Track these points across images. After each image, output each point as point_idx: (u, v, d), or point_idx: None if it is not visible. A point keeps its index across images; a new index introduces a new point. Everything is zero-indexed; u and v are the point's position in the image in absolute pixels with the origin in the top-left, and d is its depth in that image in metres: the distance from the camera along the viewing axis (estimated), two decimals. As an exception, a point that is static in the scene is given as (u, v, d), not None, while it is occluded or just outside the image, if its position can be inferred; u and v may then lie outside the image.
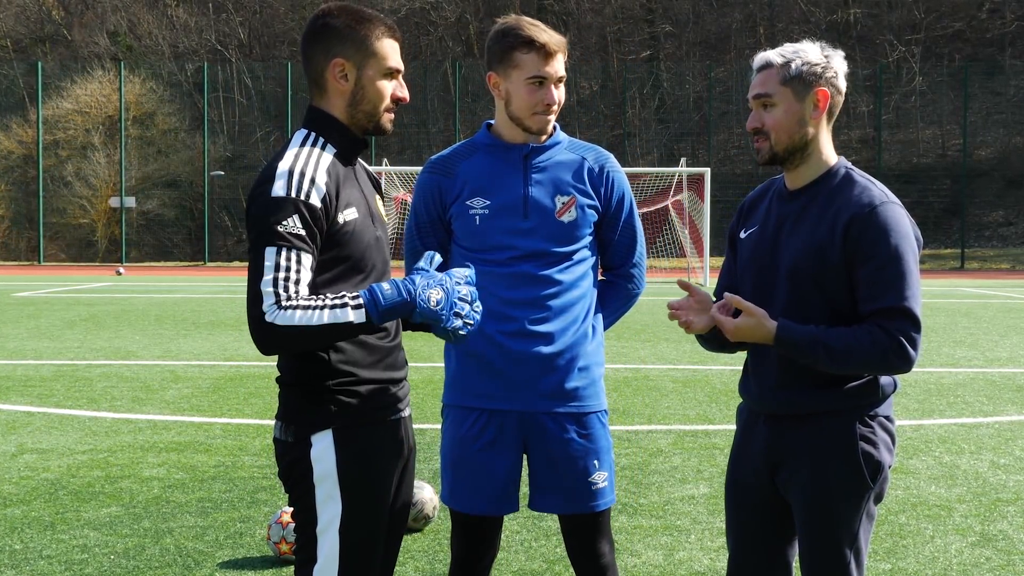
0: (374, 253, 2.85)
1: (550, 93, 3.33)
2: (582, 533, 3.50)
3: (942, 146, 46.28)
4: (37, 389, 10.19)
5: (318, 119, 2.85)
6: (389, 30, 2.85)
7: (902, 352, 2.84)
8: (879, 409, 2.99)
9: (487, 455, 3.41)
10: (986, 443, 7.90)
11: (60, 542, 5.39)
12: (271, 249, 2.63)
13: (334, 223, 2.73)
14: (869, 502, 3.00)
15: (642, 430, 8.31)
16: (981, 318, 18.49)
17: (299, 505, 2.80)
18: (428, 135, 48.25)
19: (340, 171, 2.80)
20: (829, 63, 2.98)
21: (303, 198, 2.66)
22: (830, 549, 2.98)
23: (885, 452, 2.99)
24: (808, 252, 2.94)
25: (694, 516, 5.91)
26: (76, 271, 36.98)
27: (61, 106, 46.97)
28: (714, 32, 50.66)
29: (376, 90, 2.83)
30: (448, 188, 3.44)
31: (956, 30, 48.16)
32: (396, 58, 2.85)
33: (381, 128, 2.87)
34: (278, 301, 2.59)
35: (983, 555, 5.26)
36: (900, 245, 2.87)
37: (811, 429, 2.99)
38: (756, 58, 3.05)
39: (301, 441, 2.77)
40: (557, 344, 3.39)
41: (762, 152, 3.01)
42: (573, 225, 3.42)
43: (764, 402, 3.08)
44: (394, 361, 2.91)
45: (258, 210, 2.68)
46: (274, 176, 2.69)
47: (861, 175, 3.01)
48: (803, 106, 2.96)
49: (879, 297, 2.86)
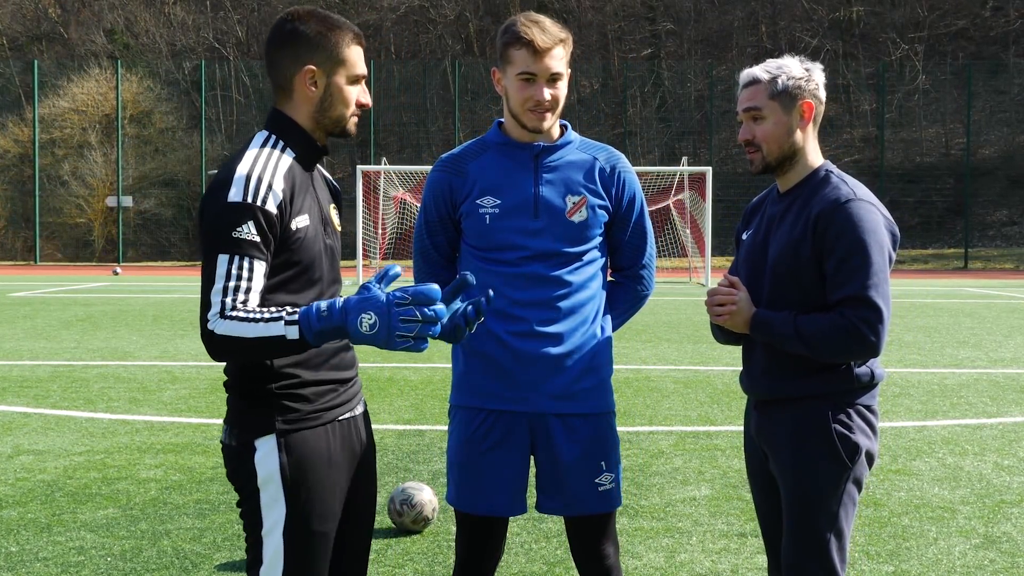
0: (324, 262, 2.86)
1: (540, 90, 3.33)
2: (587, 535, 3.50)
3: (945, 145, 46.20)
4: (33, 390, 10.18)
5: (281, 123, 2.88)
6: (356, 37, 2.89)
7: (860, 337, 3.03)
8: (858, 398, 3.16)
9: (494, 456, 3.42)
10: (990, 444, 7.89)
11: (56, 544, 5.39)
12: (224, 256, 2.65)
13: (287, 229, 2.74)
14: (848, 483, 3.13)
15: (643, 431, 8.31)
16: (985, 318, 18.50)
17: (244, 508, 2.82)
18: (427, 134, 48.20)
19: (297, 176, 2.82)
20: (811, 76, 3.23)
21: (259, 204, 2.67)
22: (810, 529, 3.11)
23: (862, 436, 3.14)
24: (787, 248, 3.16)
25: (695, 518, 5.90)
26: (73, 271, 37.01)
27: (57, 105, 47.03)
28: (716, 30, 50.62)
29: (344, 96, 2.87)
30: (459, 187, 3.45)
31: (959, 28, 48.17)
32: (362, 65, 2.92)
33: (347, 132, 2.91)
34: (222, 310, 2.61)
35: (987, 557, 5.26)
36: (863, 238, 3.06)
37: (790, 414, 3.18)
38: (743, 74, 3.28)
39: (244, 445, 2.79)
40: (566, 345, 3.41)
41: (755, 162, 3.25)
42: (583, 225, 3.43)
43: (752, 389, 3.30)
44: (340, 362, 2.91)
45: (213, 215, 2.69)
46: (231, 180, 2.69)
47: (838, 176, 3.22)
48: (790, 118, 3.20)
49: (842, 286, 3.06)
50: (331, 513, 2.86)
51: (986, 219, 43.76)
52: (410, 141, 47.11)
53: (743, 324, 3.22)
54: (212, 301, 2.63)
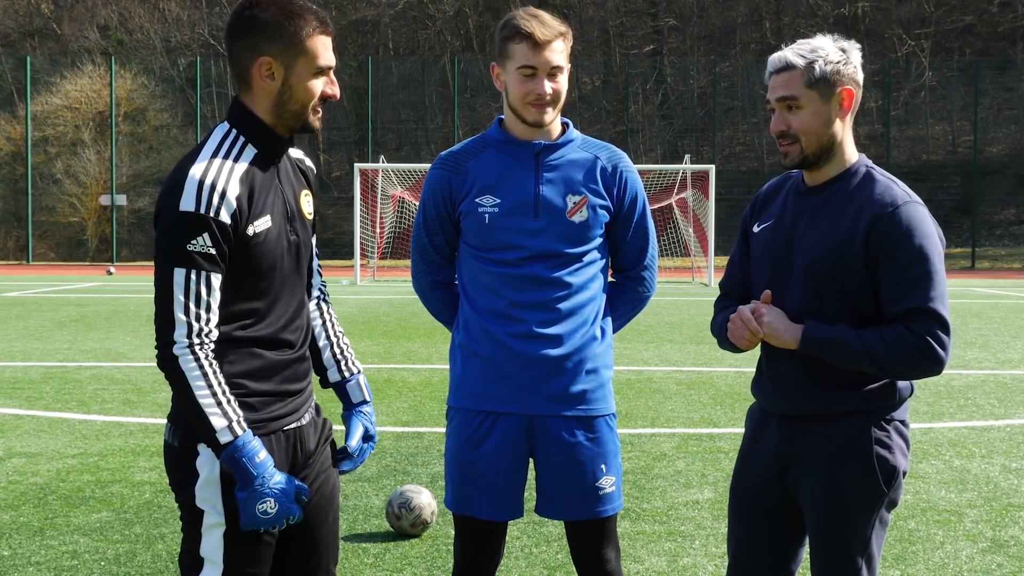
0: (286, 261, 2.82)
1: (540, 84, 3.32)
2: (588, 539, 3.50)
3: (952, 143, 46.51)
4: (26, 391, 10.15)
5: (241, 116, 2.79)
6: (321, 24, 2.75)
7: (931, 352, 2.87)
8: (895, 413, 3.03)
9: (493, 459, 3.42)
10: (997, 447, 7.86)
11: (49, 548, 5.38)
12: (180, 271, 2.63)
13: (243, 236, 2.69)
14: (882, 509, 3.02)
15: (645, 433, 8.30)
16: (992, 319, 18.48)
17: (183, 511, 2.82)
18: (426, 131, 48.35)
19: (257, 178, 2.75)
20: (848, 58, 2.99)
21: (212, 215, 2.63)
22: (841, 555, 3.00)
23: (900, 457, 3.01)
24: (827, 249, 2.96)
25: (698, 521, 5.90)
26: (66, 271, 36.95)
27: (50, 102, 46.96)
28: (719, 26, 50.83)
29: (304, 90, 2.76)
30: (458, 185, 3.45)
31: (967, 24, 48.42)
32: (327, 56, 2.79)
33: (308, 127, 2.82)
34: (189, 333, 2.65)
35: (994, 561, 5.24)
36: (924, 245, 2.89)
37: (825, 430, 3.01)
38: (773, 59, 3.03)
39: (187, 448, 2.77)
40: (565, 347, 3.40)
41: (791, 155, 3.01)
42: (584, 225, 3.42)
43: (779, 402, 3.10)
44: (292, 374, 2.89)
45: (167, 224, 2.65)
46: (183, 184, 2.64)
47: (883, 174, 3.03)
48: (829, 106, 2.98)
49: (904, 298, 2.88)
50: None
51: (993, 218, 43.88)
52: (409, 139, 47.44)
53: (787, 340, 2.98)
54: (177, 319, 2.63)
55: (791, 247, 3.05)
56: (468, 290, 3.48)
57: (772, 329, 2.98)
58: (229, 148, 2.74)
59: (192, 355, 2.64)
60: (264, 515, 2.68)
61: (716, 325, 3.27)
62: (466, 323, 3.47)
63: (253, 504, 2.67)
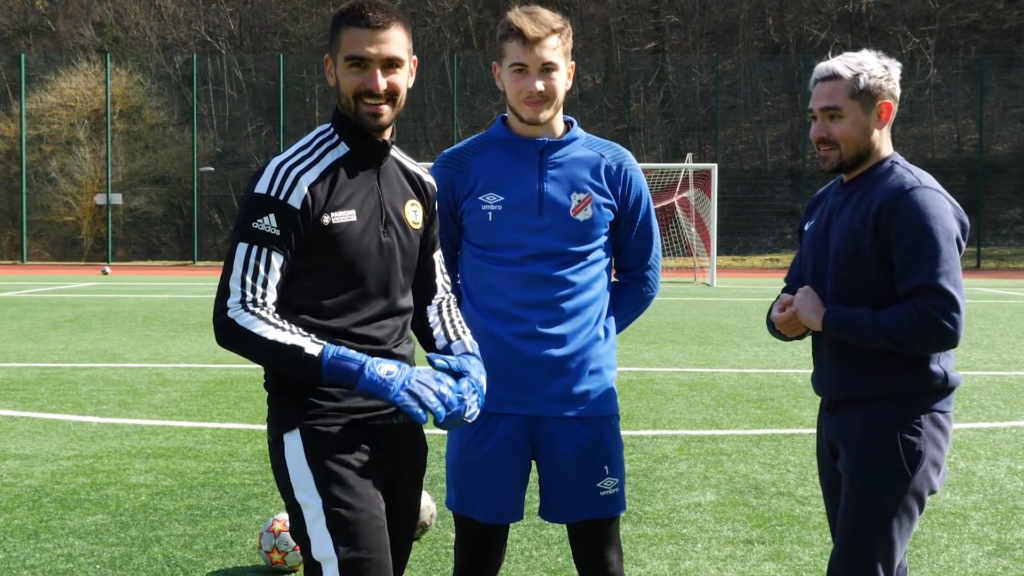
0: (371, 261, 2.88)
1: (532, 81, 3.33)
2: (590, 541, 3.50)
3: (957, 141, 46.61)
4: (20, 393, 10.10)
5: (336, 116, 2.95)
6: (356, 17, 2.82)
7: (938, 326, 3.01)
8: (933, 402, 3.13)
9: (494, 460, 3.43)
10: (1003, 448, 7.82)
11: (44, 551, 5.36)
12: (243, 245, 2.77)
13: (318, 224, 2.80)
14: (907, 495, 3.09)
15: (647, 435, 8.27)
16: (998, 319, 18.37)
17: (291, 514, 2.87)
18: (425, 129, 48.59)
19: (343, 173, 2.87)
20: (890, 75, 3.21)
21: (281, 198, 2.77)
22: (858, 538, 3.09)
23: (931, 446, 3.10)
24: (846, 240, 3.17)
25: (700, 524, 5.86)
26: (61, 270, 36.96)
27: (45, 100, 47.11)
28: (721, 23, 50.91)
29: (344, 83, 2.85)
30: (460, 183, 3.46)
31: (972, 21, 48.59)
32: (357, 46, 2.82)
33: (363, 122, 2.86)
34: (243, 300, 2.74)
35: (1000, 564, 5.22)
36: (930, 225, 3.04)
37: (859, 414, 3.17)
38: (821, 68, 3.23)
39: (277, 441, 2.86)
40: (568, 347, 3.41)
41: (830, 160, 3.23)
42: (588, 224, 3.43)
43: (823, 388, 3.32)
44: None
45: (243, 203, 2.82)
46: (266, 168, 2.82)
47: (903, 165, 3.21)
48: (869, 118, 3.19)
49: (910, 276, 3.05)
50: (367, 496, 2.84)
51: (999, 217, 43.85)
52: (407, 137, 47.45)
53: (813, 321, 3.21)
54: (231, 288, 2.75)
55: (827, 241, 3.25)
56: (470, 289, 3.48)
57: (801, 310, 3.22)
58: (320, 143, 2.90)
59: (247, 311, 2.73)
60: (389, 375, 2.70)
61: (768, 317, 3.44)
62: (468, 323, 3.42)
63: (372, 374, 2.69)
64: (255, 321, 2.71)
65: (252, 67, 49.40)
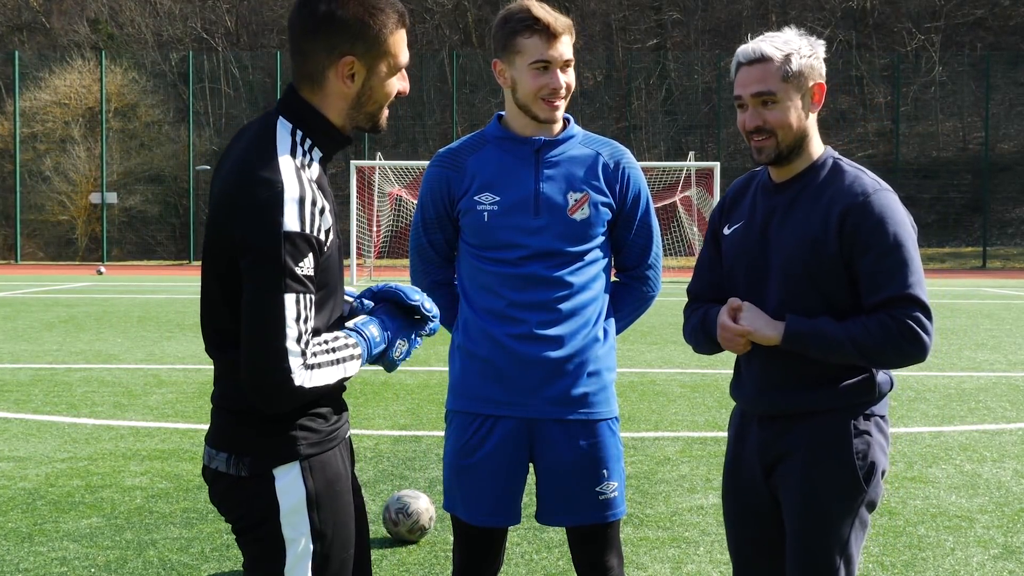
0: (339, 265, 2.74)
1: (556, 77, 3.31)
2: (590, 545, 3.50)
3: (963, 139, 46.67)
4: (14, 394, 10.13)
5: (307, 117, 2.62)
6: (400, 19, 2.63)
7: (915, 337, 2.91)
8: (875, 408, 3.06)
9: (491, 463, 3.42)
10: (1009, 451, 7.82)
11: (38, 554, 5.38)
12: (291, 296, 2.45)
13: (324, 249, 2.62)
14: (862, 507, 3.03)
15: (648, 437, 8.31)
16: (1004, 320, 18.35)
17: (256, 547, 2.62)
18: (424, 128, 48.71)
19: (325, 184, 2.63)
20: (817, 52, 3.04)
21: (315, 234, 2.49)
22: (819, 553, 3.00)
23: (880, 454, 3.04)
24: (801, 246, 3.00)
25: (703, 527, 5.89)
26: (55, 270, 37.04)
27: (39, 98, 47.11)
28: (724, 20, 51.08)
29: (384, 91, 2.66)
30: (456, 182, 3.45)
31: (977, 18, 48.78)
32: (407, 52, 2.70)
33: (378, 127, 2.74)
34: (304, 360, 2.48)
35: (1006, 568, 5.23)
36: (898, 232, 2.94)
37: (805, 428, 3.04)
38: (745, 50, 3.03)
39: (260, 476, 2.58)
40: (566, 348, 3.40)
41: (766, 150, 3.03)
42: (586, 223, 3.41)
43: (758, 402, 3.14)
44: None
45: (271, 245, 2.44)
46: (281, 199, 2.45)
47: (850, 164, 3.09)
48: (803, 102, 3.03)
49: (883, 286, 2.93)
50: (351, 537, 2.76)
51: (1005, 216, 43.85)
52: (406, 135, 47.71)
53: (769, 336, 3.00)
54: (290, 350, 2.46)
55: (765, 246, 3.07)
56: (467, 290, 3.46)
57: (753, 326, 2.99)
58: (304, 153, 2.60)
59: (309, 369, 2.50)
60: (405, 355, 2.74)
61: (688, 330, 3.26)
62: (465, 324, 3.45)
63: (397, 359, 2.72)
64: (319, 375, 2.50)
65: (249, 64, 49.74)
